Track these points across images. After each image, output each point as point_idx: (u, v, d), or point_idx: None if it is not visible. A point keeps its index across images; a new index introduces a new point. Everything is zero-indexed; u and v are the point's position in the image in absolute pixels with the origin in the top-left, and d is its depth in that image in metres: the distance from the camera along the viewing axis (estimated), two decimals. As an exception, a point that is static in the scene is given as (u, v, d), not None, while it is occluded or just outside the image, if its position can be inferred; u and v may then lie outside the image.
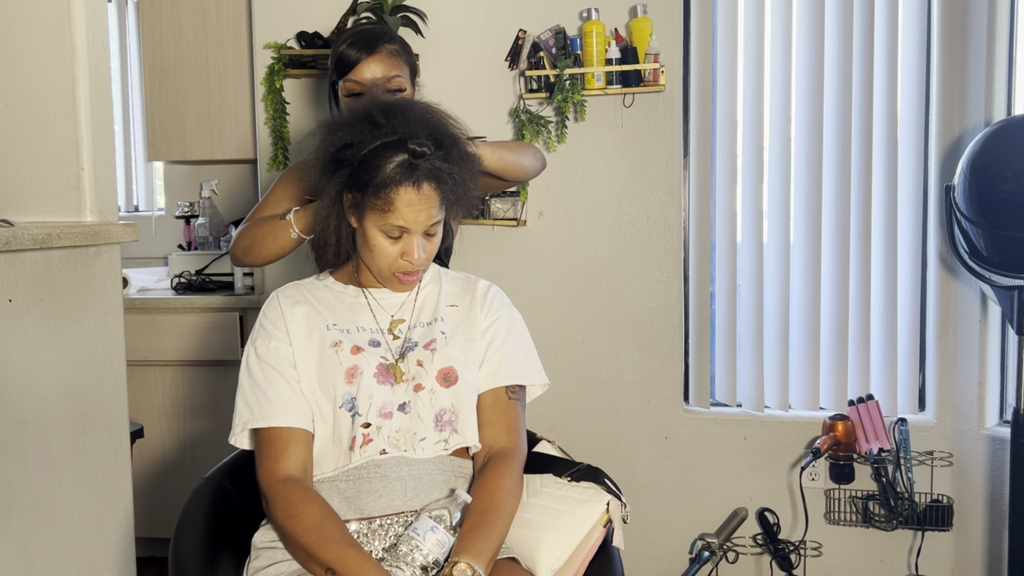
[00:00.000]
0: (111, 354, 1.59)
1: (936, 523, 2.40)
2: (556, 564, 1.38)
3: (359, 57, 1.75)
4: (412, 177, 1.33)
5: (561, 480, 1.46)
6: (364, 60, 1.75)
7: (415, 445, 1.38)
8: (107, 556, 1.57)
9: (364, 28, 1.83)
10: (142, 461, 2.81)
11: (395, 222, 1.35)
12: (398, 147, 1.34)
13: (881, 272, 2.48)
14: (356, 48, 1.76)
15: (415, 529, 1.28)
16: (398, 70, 1.78)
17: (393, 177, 1.33)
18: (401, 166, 1.33)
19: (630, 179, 2.56)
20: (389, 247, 1.39)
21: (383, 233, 1.38)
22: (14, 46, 1.54)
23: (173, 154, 2.93)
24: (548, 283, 2.62)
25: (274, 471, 1.34)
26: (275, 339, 1.42)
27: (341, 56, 1.77)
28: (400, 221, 1.35)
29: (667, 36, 2.49)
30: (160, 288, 3.04)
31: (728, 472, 2.58)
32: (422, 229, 1.38)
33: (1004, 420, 2.40)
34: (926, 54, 2.43)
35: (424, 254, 1.40)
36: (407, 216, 1.35)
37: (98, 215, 1.59)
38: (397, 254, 1.39)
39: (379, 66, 1.75)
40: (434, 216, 1.37)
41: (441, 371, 1.41)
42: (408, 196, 1.34)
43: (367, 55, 1.75)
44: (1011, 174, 2.02)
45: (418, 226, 1.37)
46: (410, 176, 1.33)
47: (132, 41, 3.45)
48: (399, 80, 1.77)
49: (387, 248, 1.39)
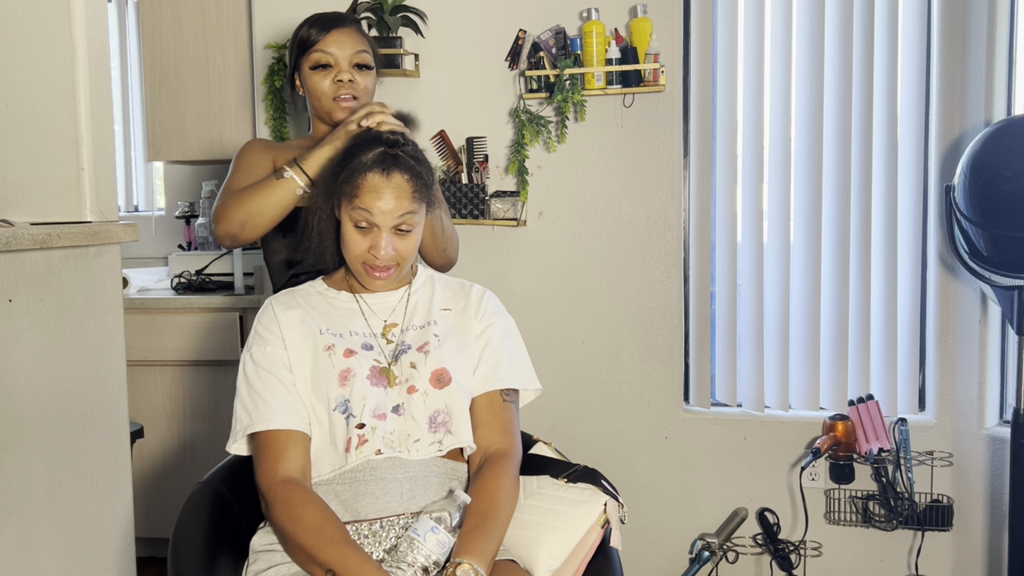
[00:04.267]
0: (111, 354, 1.59)
1: (936, 523, 2.40)
2: (554, 565, 1.38)
3: (325, 30, 1.73)
4: (382, 164, 1.38)
5: (558, 481, 1.47)
6: (331, 31, 1.73)
7: (409, 446, 1.38)
8: (107, 556, 1.57)
9: (325, 12, 1.80)
10: (142, 461, 2.81)
11: (362, 206, 1.38)
12: (378, 140, 1.41)
13: (881, 272, 2.48)
14: (319, 26, 1.74)
15: (415, 530, 1.28)
16: (364, 45, 1.76)
17: (365, 163, 1.39)
18: (375, 155, 1.39)
19: (630, 179, 2.56)
20: (359, 239, 1.41)
21: (353, 223, 1.41)
22: (14, 46, 1.54)
23: (173, 154, 2.93)
24: (548, 283, 2.62)
25: (273, 473, 1.34)
26: (270, 344, 1.42)
27: (304, 35, 1.74)
28: (366, 205, 1.38)
29: (667, 36, 2.49)
30: (160, 288, 3.04)
31: (728, 472, 2.58)
32: (390, 220, 1.39)
33: (1004, 420, 2.40)
34: (926, 54, 2.43)
35: (392, 251, 1.41)
36: (372, 203, 1.37)
37: (98, 215, 1.59)
38: (366, 247, 1.41)
39: (345, 39, 1.73)
40: (403, 207, 1.38)
41: (434, 373, 1.42)
42: (375, 181, 1.38)
43: (334, 27, 1.73)
44: (1011, 174, 2.02)
45: (384, 216, 1.38)
46: (380, 163, 1.38)
47: (132, 41, 3.45)
48: (365, 56, 1.75)
49: (357, 240, 1.42)
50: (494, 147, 2.59)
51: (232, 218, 1.63)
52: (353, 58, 1.73)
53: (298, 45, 1.76)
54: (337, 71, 1.73)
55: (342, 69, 1.73)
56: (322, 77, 1.73)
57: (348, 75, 1.73)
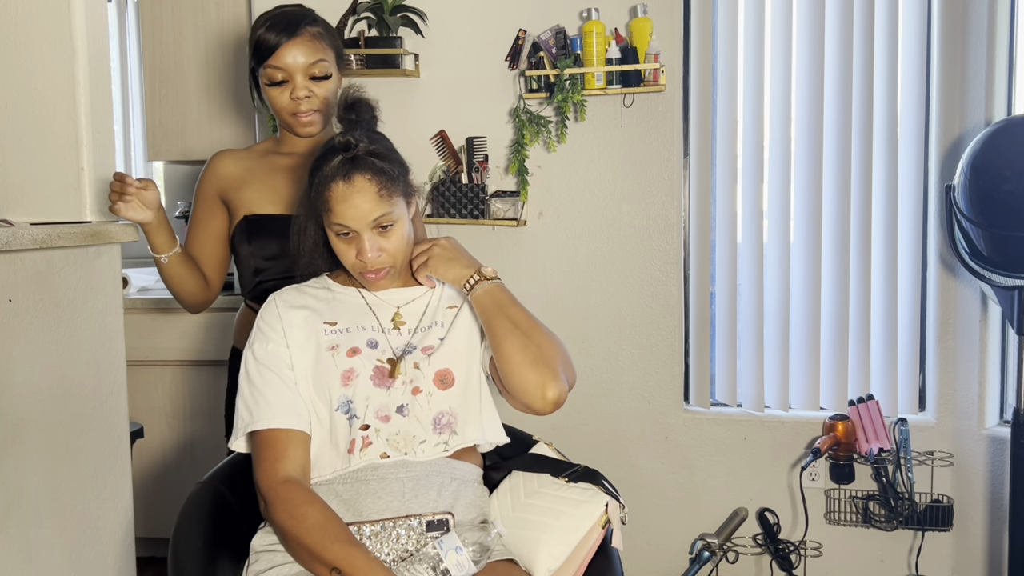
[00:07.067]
0: (111, 354, 1.59)
1: (936, 523, 2.40)
2: (554, 564, 1.38)
3: (279, 41, 1.62)
4: (342, 171, 1.36)
5: (559, 481, 1.47)
6: (285, 43, 1.62)
7: (415, 448, 1.38)
8: (107, 556, 1.57)
9: (284, 10, 1.68)
10: (142, 461, 2.81)
11: (336, 220, 1.37)
12: (334, 149, 1.38)
13: (881, 272, 2.48)
14: (276, 31, 1.63)
15: (441, 542, 1.28)
16: (322, 54, 1.66)
17: (327, 175, 1.37)
18: (334, 164, 1.37)
19: (630, 179, 2.56)
20: (345, 248, 1.41)
21: (335, 234, 1.40)
22: (14, 46, 1.54)
23: (173, 154, 2.93)
24: (548, 283, 2.62)
25: (274, 473, 1.33)
26: (272, 342, 1.42)
27: (260, 40, 1.64)
28: (340, 219, 1.37)
29: (667, 36, 2.49)
30: (160, 288, 3.04)
31: (728, 472, 2.58)
32: (366, 225, 1.37)
33: (1004, 420, 2.40)
34: (926, 54, 2.43)
35: (379, 251, 1.40)
36: (344, 212, 1.36)
37: (98, 215, 1.59)
38: (354, 254, 1.41)
39: (301, 50, 1.63)
40: (375, 210, 1.37)
41: (438, 373, 1.42)
42: (340, 191, 1.36)
43: (288, 38, 1.62)
44: (1011, 174, 2.02)
45: (359, 222, 1.37)
46: (340, 170, 1.36)
47: (132, 41, 3.45)
48: (324, 65, 1.66)
49: (344, 249, 1.41)
50: (494, 147, 2.59)
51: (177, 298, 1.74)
52: (309, 70, 1.65)
53: (254, 53, 1.66)
54: (293, 87, 1.65)
55: (297, 85, 1.65)
56: (279, 93, 1.66)
57: (305, 90, 1.65)
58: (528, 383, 1.36)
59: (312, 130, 1.70)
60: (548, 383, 1.36)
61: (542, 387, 1.36)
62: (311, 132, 1.71)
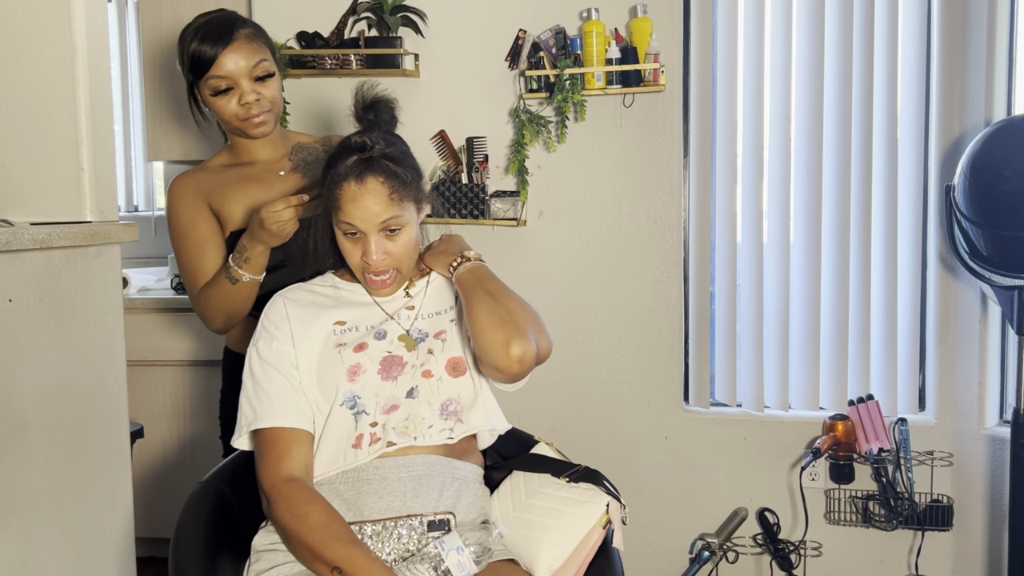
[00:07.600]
0: (111, 354, 1.59)
1: (936, 523, 2.40)
2: (555, 564, 1.38)
3: (215, 51, 1.59)
4: (356, 171, 1.36)
5: (560, 481, 1.47)
6: (222, 51, 1.59)
7: (423, 432, 1.38)
8: (107, 556, 1.57)
9: (211, 18, 1.64)
10: (142, 461, 2.81)
11: (345, 219, 1.38)
12: (350, 148, 1.39)
13: (881, 272, 2.48)
14: (210, 41, 1.59)
15: (442, 542, 1.28)
16: (261, 53, 1.63)
17: (340, 174, 1.37)
18: (349, 164, 1.37)
19: (630, 179, 2.56)
20: (351, 247, 1.41)
21: (343, 233, 1.41)
22: (14, 46, 1.53)
23: (173, 154, 2.93)
24: (548, 283, 2.62)
25: (276, 471, 1.34)
26: (277, 340, 1.42)
27: (195, 54, 1.60)
28: (348, 218, 1.37)
29: (667, 36, 2.49)
30: (160, 288, 3.04)
31: (728, 472, 2.58)
32: (374, 226, 1.38)
33: (1004, 420, 2.40)
34: (926, 54, 2.43)
35: (384, 254, 1.40)
36: (353, 212, 1.36)
37: (98, 215, 1.59)
38: (359, 254, 1.41)
39: (240, 54, 1.60)
40: (384, 212, 1.37)
41: (451, 360, 1.42)
42: (351, 190, 1.36)
43: (224, 46, 1.59)
44: (1011, 174, 2.02)
45: (367, 223, 1.37)
46: (354, 170, 1.36)
47: (132, 41, 3.44)
48: (265, 64, 1.64)
49: (350, 248, 1.42)
50: (494, 147, 2.59)
51: (216, 319, 1.66)
52: (252, 72, 1.62)
53: (190, 67, 1.62)
54: (239, 92, 1.62)
55: (245, 91, 1.62)
56: (226, 101, 1.63)
57: (253, 94, 1.62)
58: (494, 341, 1.36)
59: (266, 129, 1.68)
60: (513, 340, 1.36)
61: (506, 344, 1.36)
62: (265, 132, 1.68)
